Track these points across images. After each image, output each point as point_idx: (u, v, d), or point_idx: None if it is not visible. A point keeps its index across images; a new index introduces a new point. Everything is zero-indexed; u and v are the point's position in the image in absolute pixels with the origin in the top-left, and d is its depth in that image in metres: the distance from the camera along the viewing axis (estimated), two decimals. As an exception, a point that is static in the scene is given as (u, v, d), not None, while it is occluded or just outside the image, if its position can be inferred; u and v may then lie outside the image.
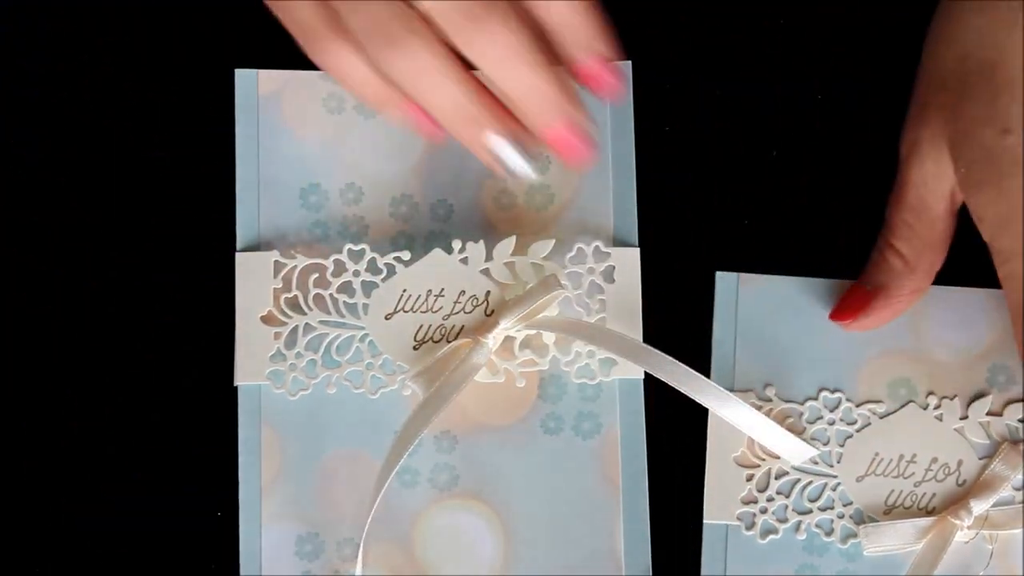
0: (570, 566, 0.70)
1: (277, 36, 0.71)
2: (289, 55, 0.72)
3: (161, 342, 0.71)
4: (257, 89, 0.73)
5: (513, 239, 0.71)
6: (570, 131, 0.61)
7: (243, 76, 0.73)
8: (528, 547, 0.71)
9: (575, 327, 0.69)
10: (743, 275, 0.71)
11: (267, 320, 0.71)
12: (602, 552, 0.70)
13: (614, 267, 0.71)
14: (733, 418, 0.68)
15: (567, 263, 0.71)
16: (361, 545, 0.68)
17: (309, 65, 0.72)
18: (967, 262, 0.69)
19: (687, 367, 0.67)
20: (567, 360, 0.71)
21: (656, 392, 0.70)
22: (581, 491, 0.71)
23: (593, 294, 0.71)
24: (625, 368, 0.70)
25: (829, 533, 0.70)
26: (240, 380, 0.71)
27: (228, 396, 0.71)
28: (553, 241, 0.71)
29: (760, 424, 0.68)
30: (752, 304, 0.71)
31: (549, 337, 0.71)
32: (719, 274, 0.71)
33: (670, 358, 0.67)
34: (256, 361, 0.71)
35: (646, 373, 0.70)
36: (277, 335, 0.71)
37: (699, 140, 0.71)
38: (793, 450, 0.69)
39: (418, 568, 0.71)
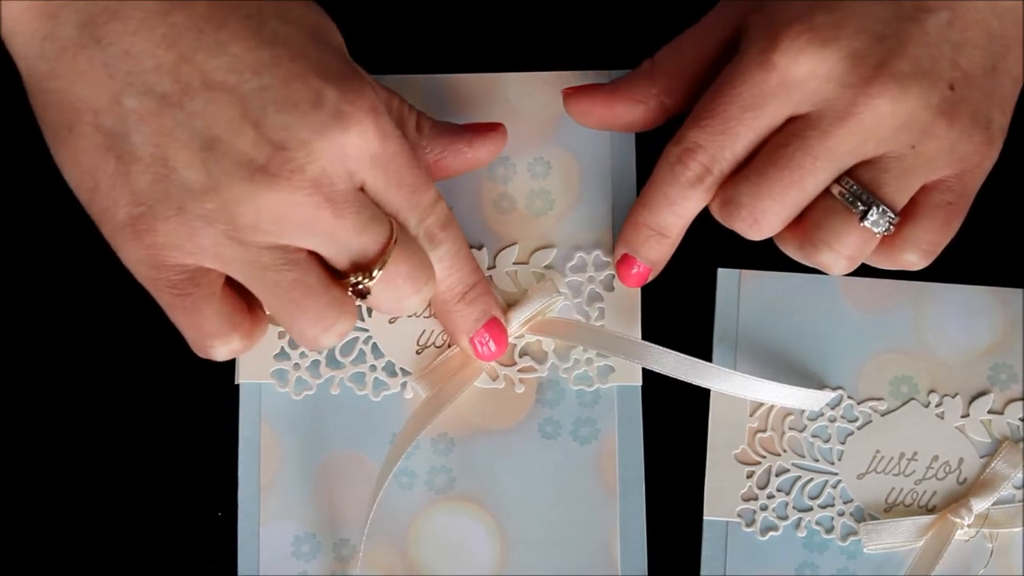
0: (566, 570, 0.70)
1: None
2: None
3: (163, 339, 0.71)
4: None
5: (516, 247, 0.71)
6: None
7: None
8: (524, 550, 0.70)
9: (573, 329, 0.70)
10: (745, 271, 0.71)
11: (271, 320, 0.71)
12: (598, 556, 0.70)
13: (614, 275, 0.71)
14: (740, 392, 0.68)
15: (567, 271, 0.71)
16: (361, 546, 0.68)
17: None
18: (968, 261, 0.69)
19: (685, 355, 0.67)
20: (566, 367, 0.71)
21: (658, 386, 0.70)
22: (578, 495, 0.70)
23: (592, 302, 0.71)
24: (623, 375, 0.71)
25: (829, 531, 0.70)
26: (242, 378, 0.71)
27: (230, 394, 0.71)
28: (555, 250, 0.71)
29: (768, 388, 0.68)
30: (754, 301, 0.71)
31: (548, 344, 0.71)
32: (721, 271, 0.71)
33: (668, 350, 0.67)
34: (260, 360, 0.71)
35: (644, 377, 0.70)
36: (281, 334, 0.71)
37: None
38: (808, 400, 0.69)
39: (414, 569, 0.70)
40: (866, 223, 0.62)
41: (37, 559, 0.71)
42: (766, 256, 0.70)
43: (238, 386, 0.71)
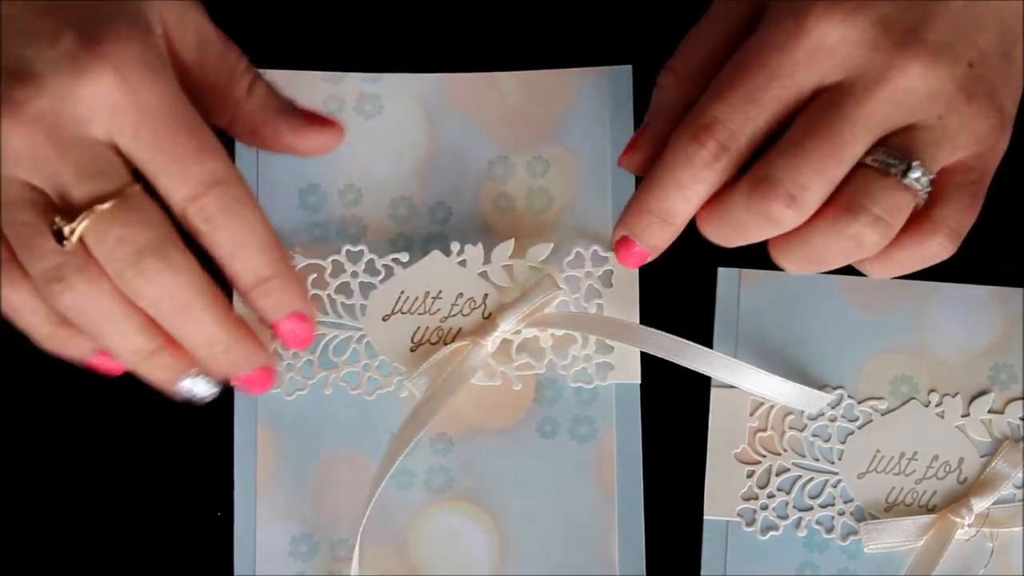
0: (564, 570, 0.70)
1: (278, 36, 0.71)
2: (290, 55, 0.72)
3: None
4: (257, 88, 0.73)
5: (512, 242, 0.71)
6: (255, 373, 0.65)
7: (244, 75, 0.73)
8: (522, 550, 0.70)
9: (573, 320, 0.70)
10: (745, 271, 0.71)
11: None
12: (596, 556, 0.70)
13: (612, 271, 0.71)
14: (740, 382, 0.68)
15: (565, 267, 0.71)
16: (357, 546, 0.68)
17: (310, 66, 0.72)
18: (969, 260, 0.69)
19: (689, 341, 0.67)
20: (564, 364, 0.70)
21: (657, 385, 0.70)
22: (576, 494, 0.70)
23: (591, 298, 0.71)
24: (622, 372, 0.70)
25: (830, 530, 0.70)
26: (236, 380, 0.71)
27: (225, 396, 0.71)
28: (551, 245, 0.71)
29: (768, 382, 0.68)
30: (754, 300, 0.71)
31: (546, 340, 0.70)
32: (721, 270, 0.71)
33: (671, 335, 0.67)
34: (252, 361, 0.71)
35: (644, 376, 0.70)
36: (273, 336, 0.70)
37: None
38: (807, 399, 0.69)
39: (412, 569, 0.70)
40: (907, 181, 0.60)
41: (37, 559, 0.70)
42: (767, 255, 0.70)
43: (233, 387, 0.71)
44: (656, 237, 0.65)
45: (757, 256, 0.70)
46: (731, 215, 0.62)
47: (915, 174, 0.60)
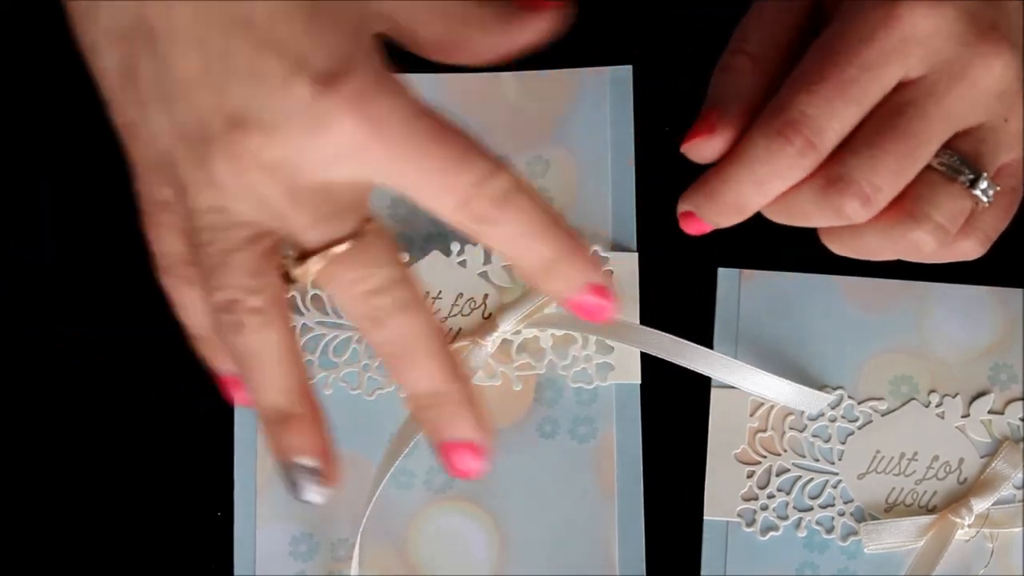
0: (564, 570, 0.70)
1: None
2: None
3: (159, 342, 0.71)
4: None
5: (511, 242, 0.71)
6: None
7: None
8: (522, 550, 0.70)
9: (573, 320, 0.69)
10: (745, 271, 0.71)
11: None
12: (596, 556, 0.70)
13: (612, 272, 0.71)
14: (741, 383, 0.68)
15: (565, 267, 0.71)
16: (357, 546, 0.68)
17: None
18: (968, 261, 0.69)
19: (689, 341, 0.67)
20: (564, 364, 0.70)
21: (657, 385, 0.70)
22: (576, 495, 0.70)
23: (591, 298, 0.71)
24: (622, 372, 0.70)
25: (830, 531, 0.70)
26: (236, 379, 0.71)
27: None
28: (551, 244, 0.71)
29: (768, 383, 0.68)
30: (754, 300, 0.71)
31: (546, 341, 0.70)
32: (721, 270, 0.71)
33: (671, 335, 0.67)
34: (253, 361, 0.71)
35: (644, 376, 0.70)
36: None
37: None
38: (807, 400, 0.69)
39: (412, 569, 0.70)
40: (976, 191, 0.59)
41: (37, 559, 0.70)
42: (767, 255, 0.70)
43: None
44: (725, 221, 0.61)
45: (757, 256, 0.70)
46: (798, 206, 0.59)
47: (983, 185, 0.59)
